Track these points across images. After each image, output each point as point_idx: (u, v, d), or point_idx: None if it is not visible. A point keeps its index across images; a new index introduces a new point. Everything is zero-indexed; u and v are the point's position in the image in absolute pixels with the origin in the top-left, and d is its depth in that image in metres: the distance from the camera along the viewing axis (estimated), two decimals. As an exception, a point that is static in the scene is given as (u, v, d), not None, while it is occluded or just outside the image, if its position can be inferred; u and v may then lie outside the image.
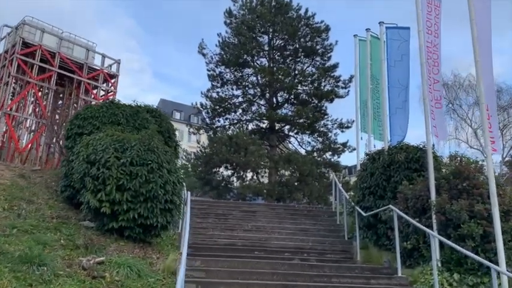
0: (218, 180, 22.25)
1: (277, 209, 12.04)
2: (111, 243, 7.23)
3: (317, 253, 9.22)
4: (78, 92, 28.44)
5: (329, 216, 11.94)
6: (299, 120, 23.12)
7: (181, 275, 4.44)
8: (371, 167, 9.61)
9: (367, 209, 9.28)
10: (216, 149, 21.16)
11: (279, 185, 21.29)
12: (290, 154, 21.52)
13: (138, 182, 7.26)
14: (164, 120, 10.80)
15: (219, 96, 24.51)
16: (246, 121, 24.17)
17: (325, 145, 23.84)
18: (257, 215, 11.36)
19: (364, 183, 9.53)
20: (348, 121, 23.81)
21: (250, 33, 23.30)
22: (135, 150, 7.45)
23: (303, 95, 24.33)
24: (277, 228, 10.50)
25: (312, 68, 23.95)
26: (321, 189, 21.84)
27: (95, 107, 9.15)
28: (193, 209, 11.02)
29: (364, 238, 9.60)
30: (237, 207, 11.81)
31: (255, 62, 23.88)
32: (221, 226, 10.29)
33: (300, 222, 11.03)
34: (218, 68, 24.74)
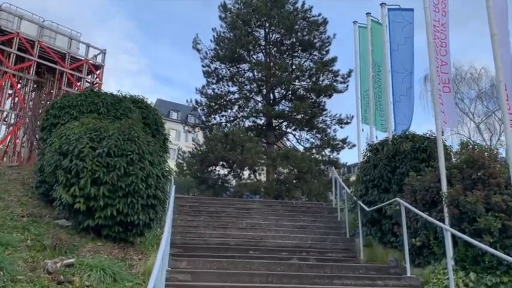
0: (214, 179, 21.44)
1: (274, 205, 11.25)
2: (87, 243, 6.43)
3: (317, 252, 8.45)
4: (61, 84, 26.37)
5: (329, 212, 11.16)
6: (297, 116, 22.33)
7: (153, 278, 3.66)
8: (374, 158, 8.83)
9: (370, 204, 8.50)
10: (212, 147, 20.37)
11: (277, 182, 20.49)
12: (288, 151, 20.72)
13: (116, 174, 6.47)
14: (151, 111, 10.03)
15: (215, 92, 23.70)
16: (243, 118, 23.36)
17: (323, 141, 23.04)
18: (252, 212, 10.57)
19: (366, 175, 8.75)
20: (348, 116, 23.07)
21: (246, 27, 22.52)
22: (113, 139, 6.66)
23: (300, 91, 23.55)
24: (273, 226, 9.72)
25: (310, 63, 23.17)
26: (320, 187, 21.04)
27: (72, 95, 8.36)
28: (183, 207, 10.26)
29: (367, 235, 8.81)
30: (231, 204, 11.02)
31: (251, 56, 23.09)
32: (213, 224, 9.51)
33: (298, 220, 10.25)
34: (213, 64, 23.96)
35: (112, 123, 7.22)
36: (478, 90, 23.12)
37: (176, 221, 9.46)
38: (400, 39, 9.65)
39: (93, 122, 6.99)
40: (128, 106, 8.45)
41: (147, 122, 9.82)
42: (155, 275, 3.75)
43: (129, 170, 6.59)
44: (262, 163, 20.87)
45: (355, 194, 9.13)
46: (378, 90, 10.80)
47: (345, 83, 23.06)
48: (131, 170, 6.59)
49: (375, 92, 10.81)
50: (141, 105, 9.89)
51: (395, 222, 7.82)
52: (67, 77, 26.58)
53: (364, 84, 11.97)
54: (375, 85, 10.88)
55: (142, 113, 9.81)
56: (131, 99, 9.72)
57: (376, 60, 10.95)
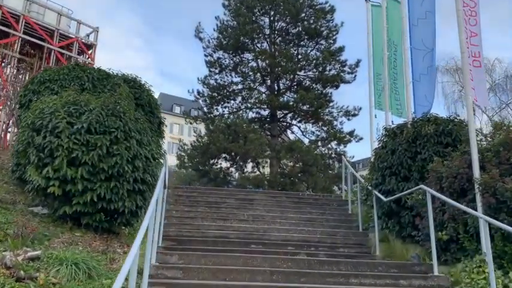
0: (216, 172, 20.52)
1: (278, 197, 10.31)
2: (62, 233, 5.52)
3: (327, 247, 7.50)
4: (49, 63, 23.67)
5: (339, 205, 10.20)
6: (302, 107, 21.32)
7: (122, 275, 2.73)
8: (392, 143, 7.86)
9: (387, 194, 7.55)
10: (214, 138, 19.46)
11: (281, 176, 19.54)
12: (293, 143, 19.76)
13: (97, 154, 5.54)
14: (145, 92, 9.09)
15: (217, 83, 22.73)
16: (246, 109, 22.38)
17: (330, 134, 22.02)
18: (255, 203, 9.63)
19: (383, 162, 7.78)
20: (355, 108, 22.01)
21: (250, 13, 21.52)
22: (95, 114, 5.73)
23: (306, 81, 22.56)
24: (278, 218, 8.78)
25: (316, 52, 22.14)
26: (326, 181, 20.10)
27: (55, 68, 7.45)
28: (180, 197, 9.34)
29: (383, 229, 7.87)
30: (231, 195, 10.08)
31: (255, 45, 22.10)
32: (212, 216, 8.57)
33: (305, 212, 9.30)
34: (216, 53, 22.96)
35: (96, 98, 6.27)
36: (491, 81, 22.07)
37: (171, 211, 8.55)
38: (420, 13, 8.65)
39: (73, 95, 6.06)
40: (117, 82, 7.52)
41: (140, 103, 8.90)
42: (125, 271, 2.82)
43: (113, 150, 5.66)
44: (266, 155, 19.93)
45: (370, 183, 8.17)
46: (394, 71, 9.82)
47: (353, 73, 22.04)
48: (115, 149, 5.66)
49: (390, 74, 9.82)
50: (134, 85, 8.96)
51: (417, 214, 6.88)
52: (55, 55, 24.19)
53: (378, 66, 10.99)
54: (391, 66, 9.89)
55: (135, 94, 8.89)
56: (122, 78, 8.78)
57: (392, 39, 9.96)
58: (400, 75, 9.61)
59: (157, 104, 9.47)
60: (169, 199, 9.19)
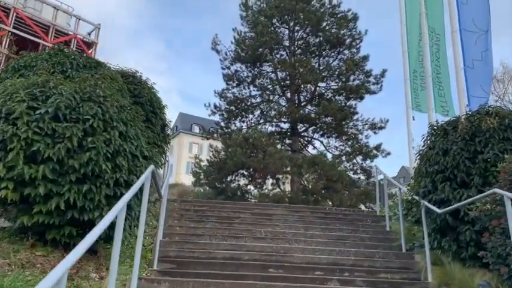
0: (233, 189, 19.07)
1: (301, 211, 8.75)
2: (17, 251, 4.13)
3: (364, 272, 5.90)
4: None
5: (373, 221, 8.57)
6: (325, 119, 19.84)
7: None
8: (442, 142, 6.30)
9: (439, 204, 5.96)
10: (231, 153, 18.09)
11: (303, 192, 17.93)
12: (315, 157, 18.18)
13: (65, 148, 4.20)
14: (146, 89, 7.79)
15: (235, 96, 21.51)
16: (265, 122, 21.01)
17: (354, 148, 20.40)
18: (274, 218, 8.11)
19: (433, 165, 6.21)
20: (382, 120, 20.41)
21: (268, 22, 20.37)
22: (65, 97, 4.40)
23: (328, 93, 21.14)
24: (302, 236, 7.24)
25: (339, 62, 20.76)
26: (352, 198, 18.39)
27: (33, 54, 6.23)
28: (187, 211, 7.91)
29: (434, 249, 6.25)
30: (247, 209, 8.58)
31: (274, 55, 20.86)
32: (223, 233, 7.09)
33: (334, 229, 7.72)
34: (233, 66, 21.82)
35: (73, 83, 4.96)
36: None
37: (174, 227, 7.12)
38: (469, -12, 7.19)
39: (44, 77, 4.76)
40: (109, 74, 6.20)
41: (140, 101, 7.60)
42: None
43: (87, 143, 4.31)
44: (286, 171, 18.40)
45: (415, 191, 6.58)
46: (436, 64, 8.33)
47: (378, 83, 20.51)
48: (89, 142, 4.31)
49: (432, 67, 8.30)
50: (133, 81, 7.69)
51: (483, 229, 5.26)
52: (51, 52, 21.61)
53: (414, 62, 9.50)
54: (433, 58, 8.40)
55: (134, 90, 7.61)
56: (119, 71, 7.53)
57: (433, 26, 8.49)
58: (444, 67, 8.12)
59: (161, 104, 8.16)
60: (173, 213, 7.78)
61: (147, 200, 4.08)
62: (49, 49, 6.12)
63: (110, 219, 2.66)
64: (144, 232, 6.73)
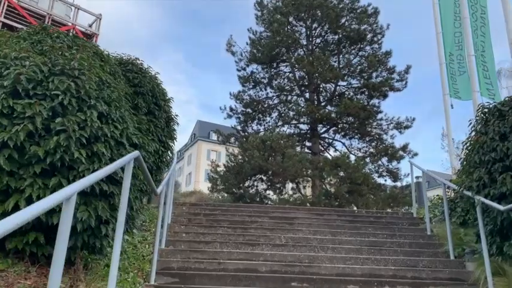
0: (252, 194, 18.04)
1: (327, 215, 7.64)
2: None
3: (408, 284, 4.78)
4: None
5: (410, 224, 7.39)
6: (347, 119, 18.68)
7: None
8: (498, 125, 5.15)
9: (500, 200, 4.80)
10: (248, 156, 17.09)
11: (326, 197, 16.75)
12: (338, 158, 17.01)
13: (25, 131, 3.25)
14: (147, 77, 6.88)
15: (251, 98, 20.58)
16: (284, 123, 19.95)
17: (379, 150, 19.15)
18: (296, 223, 7.03)
19: (489, 153, 5.05)
20: (408, 119, 19.14)
21: (284, 19, 19.40)
22: (28, 69, 3.48)
23: (349, 92, 20.01)
24: (329, 242, 6.15)
25: (360, 59, 19.61)
26: (378, 202, 17.12)
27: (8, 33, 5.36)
28: (197, 215, 6.92)
29: (493, 255, 5.06)
30: (265, 212, 7.52)
31: (291, 53, 19.85)
32: (236, 240, 6.06)
33: (366, 234, 6.59)
34: (249, 67, 20.93)
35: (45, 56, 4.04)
36: None
37: (180, 234, 6.13)
38: None
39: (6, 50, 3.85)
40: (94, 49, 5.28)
41: (141, 92, 6.69)
42: None
43: (55, 125, 3.34)
44: (307, 174, 17.27)
45: (466, 186, 5.42)
46: (482, 39, 7.16)
47: (403, 80, 19.28)
48: (58, 124, 3.35)
49: (476, 44, 7.15)
50: (132, 68, 6.78)
51: None
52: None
53: (449, 44, 8.33)
54: (475, 35, 7.24)
55: (134, 79, 6.70)
56: (117, 60, 6.64)
57: (474, 0, 7.35)
58: (489, 45, 6.96)
59: (166, 96, 7.23)
60: (180, 218, 6.79)
61: (127, 197, 3.08)
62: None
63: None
64: (144, 239, 5.76)
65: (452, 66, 8.16)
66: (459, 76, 8.10)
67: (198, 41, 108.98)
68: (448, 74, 8.27)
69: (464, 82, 8.02)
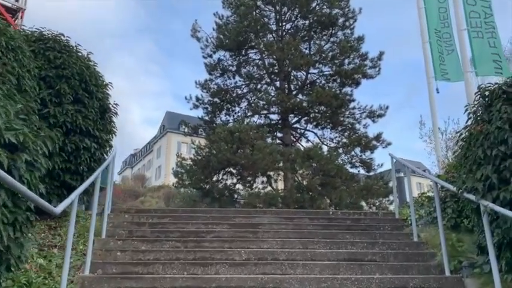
0: (220, 189, 16.81)
1: (297, 218, 6.47)
2: None
3: (401, 318, 3.65)
4: None
5: (393, 227, 6.31)
6: (319, 108, 17.63)
7: None
8: (505, 111, 4.05)
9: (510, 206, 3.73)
10: (215, 149, 15.80)
11: (298, 190, 15.69)
12: (310, 150, 15.93)
13: None
14: (74, 56, 5.48)
15: (219, 87, 19.23)
16: (254, 114, 18.72)
17: (352, 140, 18.21)
18: (261, 230, 5.82)
19: (497, 146, 3.96)
20: (381, 107, 18.29)
21: (252, 2, 18.05)
22: None
23: (321, 80, 18.95)
24: (300, 256, 4.98)
25: (332, 45, 18.53)
26: (352, 194, 16.18)
27: None
28: (141, 226, 5.62)
29: (502, 272, 4.01)
30: (224, 218, 6.28)
31: (260, 39, 18.55)
32: (185, 258, 4.82)
33: (343, 243, 5.45)
34: (216, 54, 19.55)
35: None
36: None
37: (114, 252, 4.84)
38: None
39: None
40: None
41: (65, 74, 5.32)
42: None
43: None
44: (278, 167, 16.14)
45: (469, 187, 4.33)
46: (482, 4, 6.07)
47: (375, 67, 18.35)
48: None
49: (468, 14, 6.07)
50: (53, 46, 5.37)
51: None
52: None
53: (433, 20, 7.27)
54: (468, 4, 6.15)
55: (55, 59, 5.29)
56: (33, 36, 5.22)
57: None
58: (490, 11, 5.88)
59: (100, 81, 5.85)
60: (118, 230, 5.48)
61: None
62: None
63: None
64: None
65: (440, 44, 7.12)
66: (447, 55, 7.08)
67: (170, 30, 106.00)
68: (435, 53, 7.22)
69: (453, 61, 7.02)
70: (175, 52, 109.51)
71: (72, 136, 5.35)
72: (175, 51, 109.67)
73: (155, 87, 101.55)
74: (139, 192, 29.01)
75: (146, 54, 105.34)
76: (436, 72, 7.14)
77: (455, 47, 7.10)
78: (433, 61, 7.20)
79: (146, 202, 26.36)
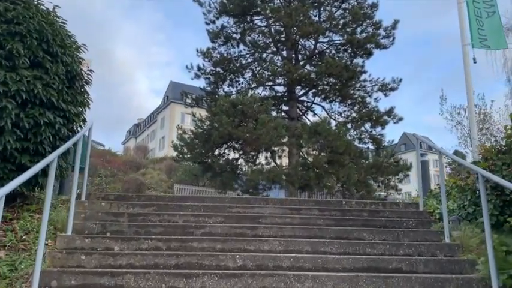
0: (221, 165, 15.83)
1: (304, 209, 5.46)
2: None
3: None
4: None
5: (418, 223, 5.27)
6: (328, 80, 16.37)
7: None
8: None
9: None
10: (216, 122, 14.70)
11: (303, 167, 14.66)
12: (317, 124, 14.78)
13: None
14: (32, 9, 4.34)
15: (222, 56, 17.92)
16: (258, 85, 17.51)
17: (361, 114, 17.03)
18: (261, 226, 4.81)
19: None
20: (394, 80, 17.01)
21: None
22: None
23: (330, 50, 17.59)
24: (308, 262, 3.98)
25: (343, 12, 17.07)
26: (360, 172, 15.17)
27: None
28: (119, 217, 4.62)
29: None
30: (219, 208, 5.27)
31: (267, 4, 17.08)
32: (165, 264, 3.84)
33: (360, 244, 4.43)
34: (219, 20, 18.16)
35: None
36: None
37: (78, 255, 3.84)
38: None
39: None
40: None
41: (19, 32, 4.18)
42: None
43: None
44: (283, 142, 15.07)
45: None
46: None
47: (389, 36, 16.94)
48: None
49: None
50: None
51: None
52: None
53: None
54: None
55: (6, 12, 4.17)
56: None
57: None
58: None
59: (67, 41, 4.72)
60: (90, 224, 4.50)
61: None
62: None
63: None
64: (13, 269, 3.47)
65: (478, 6, 5.89)
66: (487, 18, 5.85)
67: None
68: (471, 16, 6.00)
69: (494, 26, 5.82)
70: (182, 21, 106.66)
71: (29, 109, 4.28)
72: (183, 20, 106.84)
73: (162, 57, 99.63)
74: (141, 164, 28.20)
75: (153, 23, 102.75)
76: (473, 39, 5.93)
77: (496, 9, 5.89)
78: (470, 25, 5.99)
79: (147, 174, 25.55)
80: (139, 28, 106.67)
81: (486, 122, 12.86)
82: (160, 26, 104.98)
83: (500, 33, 5.93)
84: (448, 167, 8.27)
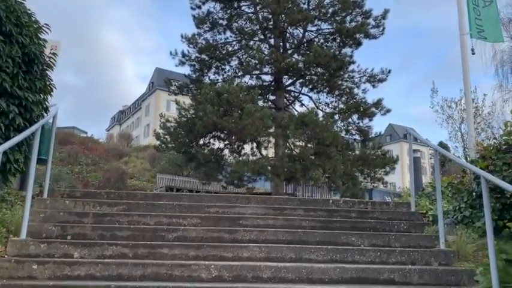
0: (205, 154, 15.33)
1: (289, 208, 5.03)
2: None
3: None
4: None
5: (409, 225, 4.89)
6: (316, 69, 15.90)
7: None
8: None
9: None
10: (201, 110, 14.16)
11: (290, 159, 14.24)
12: (304, 115, 14.34)
13: None
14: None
15: (208, 43, 17.29)
16: (245, 74, 16.96)
17: (349, 105, 16.66)
18: (241, 229, 4.36)
19: None
20: (383, 71, 16.64)
21: None
22: None
23: (319, 38, 17.11)
24: (292, 273, 3.55)
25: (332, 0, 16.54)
26: (347, 164, 14.85)
27: None
28: (83, 217, 4.10)
29: None
30: (196, 207, 4.80)
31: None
32: (130, 275, 3.37)
33: (348, 250, 4.03)
34: (205, 5, 17.49)
35: None
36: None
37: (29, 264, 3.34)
38: None
39: None
40: None
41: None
42: None
43: None
44: (269, 133, 14.62)
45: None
46: None
47: (379, 26, 16.51)
48: None
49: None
50: None
51: None
52: None
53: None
54: None
55: None
56: None
57: None
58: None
59: (24, 20, 4.14)
60: (49, 226, 3.99)
61: None
62: None
63: None
64: None
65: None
66: (483, 8, 5.45)
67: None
68: (469, 4, 5.59)
69: (491, 17, 5.42)
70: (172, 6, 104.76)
71: (-23, 96, 3.73)
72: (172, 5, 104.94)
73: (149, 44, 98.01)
74: (124, 152, 27.48)
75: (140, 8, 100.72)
76: (472, 28, 5.53)
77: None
78: (468, 14, 5.57)
79: (130, 163, 24.90)
80: (127, 12, 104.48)
81: (478, 116, 12.60)
82: (148, 11, 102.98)
83: (497, 26, 5.55)
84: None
